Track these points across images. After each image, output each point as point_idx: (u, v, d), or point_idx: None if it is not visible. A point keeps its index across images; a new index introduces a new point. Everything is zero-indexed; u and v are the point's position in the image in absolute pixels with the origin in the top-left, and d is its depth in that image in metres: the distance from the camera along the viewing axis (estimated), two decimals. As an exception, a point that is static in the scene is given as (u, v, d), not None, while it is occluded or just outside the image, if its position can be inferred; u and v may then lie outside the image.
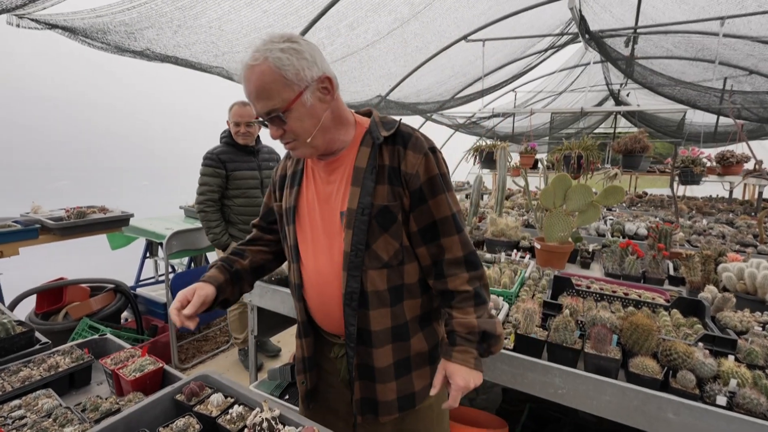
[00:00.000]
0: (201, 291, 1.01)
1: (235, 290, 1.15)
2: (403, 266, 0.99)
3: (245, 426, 0.88)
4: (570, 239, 2.20)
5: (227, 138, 2.71)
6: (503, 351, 1.34)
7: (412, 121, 4.90)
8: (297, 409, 0.93)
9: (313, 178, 1.08)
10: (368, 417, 1.05)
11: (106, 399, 1.15)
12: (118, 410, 1.08)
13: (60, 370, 1.24)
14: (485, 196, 6.32)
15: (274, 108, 0.88)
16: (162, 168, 3.04)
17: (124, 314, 3.08)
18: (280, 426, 0.88)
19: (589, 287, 1.76)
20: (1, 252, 2.41)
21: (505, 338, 1.40)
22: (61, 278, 2.76)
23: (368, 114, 1.07)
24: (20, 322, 1.43)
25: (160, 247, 2.98)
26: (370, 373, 1.03)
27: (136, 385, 1.17)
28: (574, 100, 8.13)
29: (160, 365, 1.24)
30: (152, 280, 3.73)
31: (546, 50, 5.58)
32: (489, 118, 6.77)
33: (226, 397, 1.00)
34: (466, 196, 5.08)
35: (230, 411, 0.92)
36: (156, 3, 2.21)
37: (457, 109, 5.95)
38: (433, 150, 0.98)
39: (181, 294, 0.99)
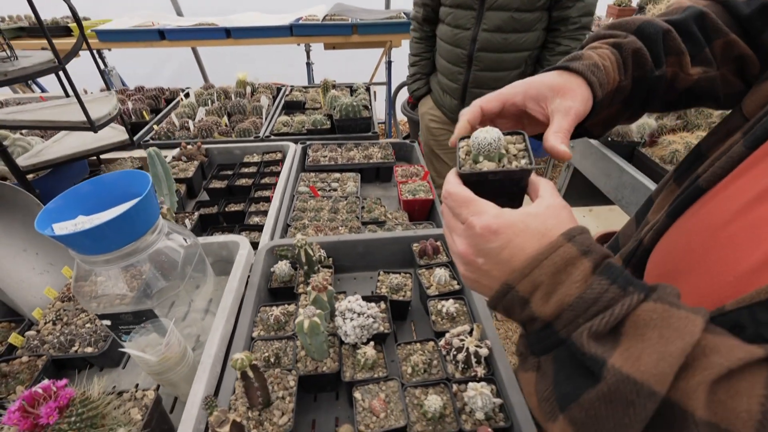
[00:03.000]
0: (568, 102, 0.41)
1: (624, 114, 0.49)
2: None
3: (452, 344, 0.66)
4: None
5: None
6: None
7: None
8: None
9: None
10: None
11: (384, 207, 1.21)
12: (383, 223, 1.12)
13: (371, 161, 1.39)
14: None
15: None
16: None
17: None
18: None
19: None
20: (390, 41, 2.86)
21: None
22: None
23: None
24: (365, 107, 1.67)
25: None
26: None
27: (406, 205, 1.16)
28: None
29: (431, 197, 1.16)
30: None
31: None
32: None
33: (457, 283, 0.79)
34: None
35: (445, 303, 0.72)
36: None
37: None
38: None
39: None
